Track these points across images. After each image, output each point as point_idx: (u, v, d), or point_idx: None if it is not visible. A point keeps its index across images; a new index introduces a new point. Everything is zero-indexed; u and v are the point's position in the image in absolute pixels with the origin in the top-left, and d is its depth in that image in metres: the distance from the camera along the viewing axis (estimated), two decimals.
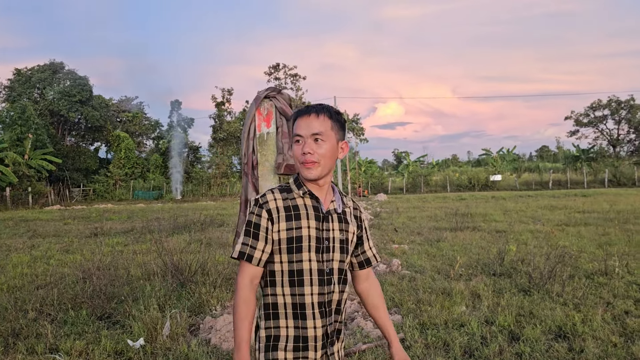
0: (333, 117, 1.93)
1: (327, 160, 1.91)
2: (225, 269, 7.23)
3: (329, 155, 1.91)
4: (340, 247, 1.94)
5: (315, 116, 1.90)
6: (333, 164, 1.96)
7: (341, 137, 1.95)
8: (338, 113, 1.97)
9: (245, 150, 2.81)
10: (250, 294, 1.89)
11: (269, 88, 2.78)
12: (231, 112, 52.34)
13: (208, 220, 16.16)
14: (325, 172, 1.92)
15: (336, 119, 1.94)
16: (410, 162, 61.52)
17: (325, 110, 1.93)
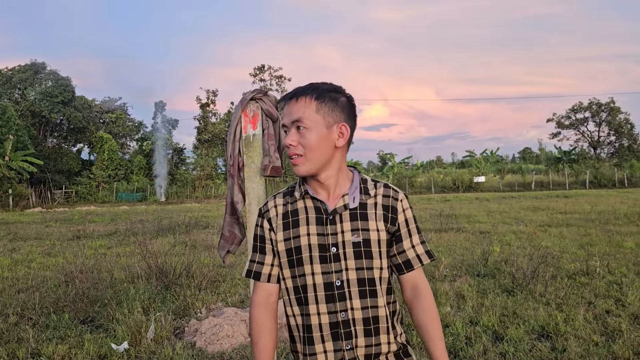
0: (320, 96, 1.59)
1: (315, 152, 1.58)
2: (210, 272, 7.20)
3: (315, 144, 1.58)
4: (355, 252, 1.58)
5: (295, 100, 1.61)
6: (326, 154, 1.60)
7: (337, 119, 1.60)
8: (331, 90, 1.62)
9: (231, 152, 2.80)
10: (263, 313, 1.67)
11: (254, 90, 2.78)
12: (216, 113, 52.18)
13: (193, 223, 16.07)
14: (317, 166, 1.60)
15: (326, 97, 1.60)
16: (395, 164, 61.82)
17: (308, 91, 1.61)
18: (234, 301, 6.23)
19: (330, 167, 1.62)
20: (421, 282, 1.66)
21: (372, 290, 1.59)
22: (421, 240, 1.67)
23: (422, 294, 1.65)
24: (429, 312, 1.63)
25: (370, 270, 1.59)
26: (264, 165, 2.70)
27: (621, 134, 53.85)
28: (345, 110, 1.63)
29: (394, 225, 1.63)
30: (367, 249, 1.58)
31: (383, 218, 1.62)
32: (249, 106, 2.72)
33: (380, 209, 1.62)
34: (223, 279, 7.34)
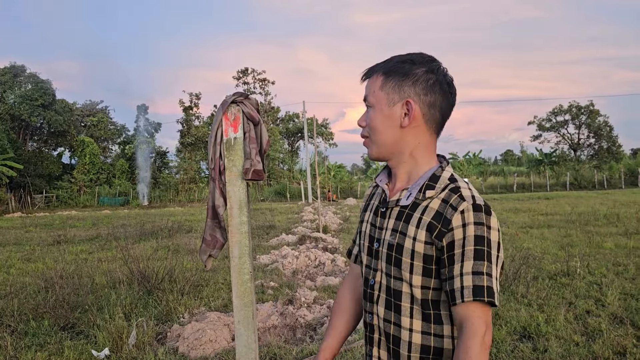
0: (388, 70, 1.39)
1: (378, 134, 1.40)
2: (193, 276, 7.14)
3: (378, 125, 1.40)
4: (387, 255, 1.37)
5: (365, 78, 1.45)
6: (390, 136, 1.39)
7: (403, 95, 1.36)
8: (404, 61, 1.38)
9: (212, 155, 2.79)
10: (344, 292, 1.64)
11: (236, 93, 2.77)
12: (199, 116, 51.85)
13: (176, 227, 15.94)
14: (383, 150, 1.42)
15: (394, 71, 1.38)
16: (378, 167, 62.04)
17: (379, 65, 1.42)
18: (217, 305, 6.19)
19: (398, 152, 1.41)
20: (465, 324, 1.23)
21: (396, 304, 1.36)
22: (475, 271, 1.22)
23: (461, 338, 1.23)
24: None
25: (399, 281, 1.35)
26: (246, 169, 2.69)
27: (600, 137, 54.72)
28: (420, 84, 1.35)
29: (440, 240, 1.27)
30: (397, 256, 1.35)
31: (427, 227, 1.30)
32: (230, 109, 2.71)
33: (429, 215, 1.31)
34: (206, 283, 7.29)
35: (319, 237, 11.72)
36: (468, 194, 1.30)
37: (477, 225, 1.25)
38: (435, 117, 1.39)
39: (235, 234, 2.72)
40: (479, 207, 1.27)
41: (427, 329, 1.32)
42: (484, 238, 1.25)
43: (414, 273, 1.31)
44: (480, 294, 1.21)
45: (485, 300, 1.21)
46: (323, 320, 5.44)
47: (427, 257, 1.30)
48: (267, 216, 20.42)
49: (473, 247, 1.24)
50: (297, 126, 59.74)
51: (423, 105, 1.36)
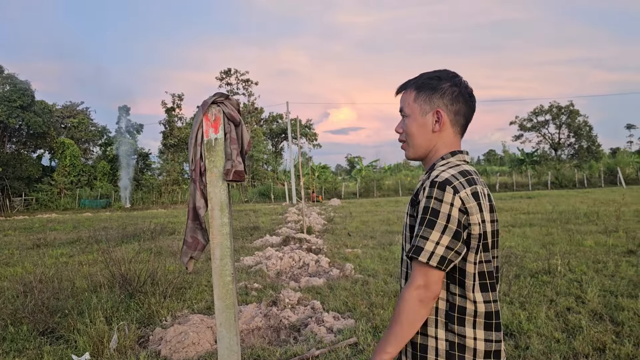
0: (419, 85, 1.73)
1: (414, 139, 1.74)
2: (176, 278, 7.07)
3: (414, 131, 1.73)
4: (403, 233, 1.75)
5: (399, 92, 1.80)
6: (425, 140, 1.72)
7: (433, 106, 1.69)
8: (432, 77, 1.72)
9: (192, 156, 2.76)
10: None
11: (216, 93, 2.75)
12: (182, 117, 51.47)
13: (158, 229, 15.79)
14: (418, 152, 1.75)
15: (424, 86, 1.71)
16: (363, 167, 62.20)
17: (412, 82, 1.76)
18: (200, 308, 6.14)
19: (429, 153, 1.74)
20: (410, 276, 1.56)
21: (402, 270, 1.71)
22: (418, 234, 1.52)
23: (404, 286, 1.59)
24: (396, 303, 1.60)
25: (404, 252, 1.70)
26: (227, 170, 2.66)
27: (580, 136, 55.56)
28: (447, 96, 1.68)
29: (415, 212, 1.61)
30: (404, 232, 1.70)
31: (411, 203, 1.65)
32: (210, 110, 2.69)
33: (414, 194, 1.65)
34: (189, 286, 7.23)
35: (303, 238, 11.70)
36: (435, 174, 1.58)
37: (427, 198, 1.54)
38: (460, 121, 1.72)
39: (217, 235, 2.70)
40: (434, 183, 1.54)
41: None
42: (430, 209, 1.52)
43: (407, 242, 1.66)
44: (417, 254, 1.50)
45: (416, 258, 1.50)
46: (307, 321, 5.42)
47: (412, 228, 1.63)
48: (251, 217, 20.33)
49: (421, 216, 1.54)
50: (281, 127, 59.63)
51: (450, 113, 1.70)
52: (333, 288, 6.86)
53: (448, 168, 1.61)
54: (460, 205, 1.52)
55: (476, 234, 1.55)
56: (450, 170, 1.59)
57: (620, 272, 7.04)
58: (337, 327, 5.15)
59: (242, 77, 55.25)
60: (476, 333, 1.56)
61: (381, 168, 67.76)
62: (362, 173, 57.55)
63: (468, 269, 1.57)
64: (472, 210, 1.54)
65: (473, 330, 1.56)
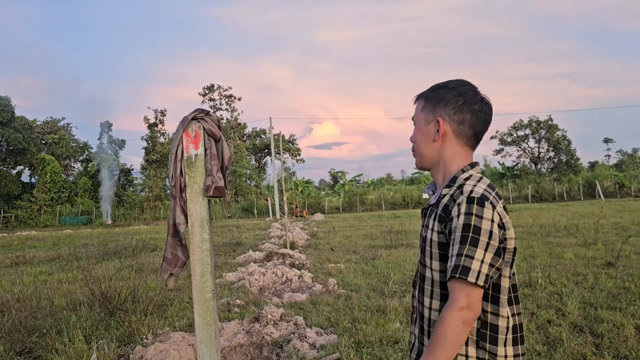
0: (426, 95, 1.75)
1: (418, 147, 1.76)
2: (158, 295, 7.00)
3: (418, 140, 1.76)
4: (421, 247, 1.72)
5: (414, 102, 1.81)
6: (428, 149, 1.72)
7: (436, 115, 1.70)
8: (439, 87, 1.73)
9: (172, 172, 2.76)
10: None
11: (196, 109, 2.76)
12: (165, 133, 51.22)
13: (140, 245, 15.60)
14: (425, 160, 1.75)
15: (430, 95, 1.73)
16: (346, 182, 62.39)
17: (421, 94, 1.78)
18: (182, 325, 6.07)
19: (435, 162, 1.72)
20: (450, 297, 1.48)
21: (425, 287, 1.65)
22: (460, 252, 1.45)
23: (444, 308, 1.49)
24: (434, 328, 1.49)
25: (424, 267, 1.65)
26: (207, 186, 2.67)
27: (559, 150, 56.42)
28: (450, 106, 1.67)
29: (446, 229, 1.55)
30: (425, 247, 1.66)
31: (439, 219, 1.59)
32: (190, 126, 2.70)
33: (440, 209, 1.59)
34: (171, 303, 7.15)
35: (286, 254, 11.66)
36: (467, 189, 1.54)
37: (467, 215, 1.48)
38: (465, 132, 1.68)
39: (197, 251, 2.69)
40: (472, 199, 1.50)
41: (442, 307, 1.56)
42: (471, 226, 1.47)
43: (433, 259, 1.60)
44: (463, 273, 1.43)
45: (456, 277, 1.43)
46: (290, 337, 5.39)
47: (441, 245, 1.57)
48: (234, 233, 20.21)
49: (461, 234, 1.47)
50: (264, 142, 59.64)
51: (453, 123, 1.67)
52: (316, 303, 6.84)
53: (477, 182, 1.58)
54: (499, 220, 1.51)
55: (511, 248, 1.56)
56: (481, 185, 1.57)
57: (600, 284, 7.14)
58: (320, 343, 5.13)
59: (225, 92, 55.26)
60: (507, 351, 1.55)
61: (364, 183, 67.99)
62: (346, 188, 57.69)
63: (503, 283, 1.56)
64: (507, 225, 1.55)
65: (504, 348, 1.55)
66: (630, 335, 4.86)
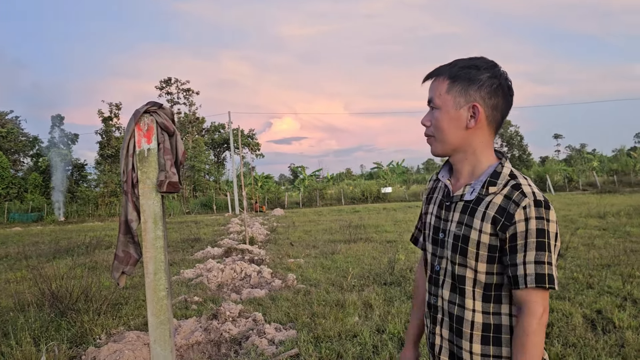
0: (454, 75, 1.53)
1: (444, 134, 1.55)
2: (112, 294, 6.80)
3: (444, 126, 1.54)
4: (453, 245, 1.53)
5: (429, 80, 1.59)
6: (456, 136, 1.54)
7: (469, 99, 1.51)
8: (469, 66, 1.52)
9: (124, 167, 2.67)
10: (419, 274, 1.88)
11: (149, 102, 2.67)
12: (120, 127, 49.88)
13: (94, 242, 15.15)
14: (447, 148, 1.57)
15: (459, 76, 1.52)
16: (306, 177, 62.42)
17: (444, 70, 1.56)
18: (137, 324, 5.93)
19: (462, 150, 1.56)
20: (525, 305, 1.41)
21: (461, 288, 1.52)
22: (537, 260, 1.38)
23: (520, 318, 1.42)
24: (517, 340, 1.42)
25: (463, 267, 1.51)
26: (160, 181, 2.59)
27: (512, 145, 58.09)
28: (485, 89, 1.50)
29: (504, 232, 1.42)
30: (463, 246, 1.50)
31: (492, 220, 1.45)
32: (142, 119, 2.61)
33: (493, 210, 1.45)
34: (125, 301, 6.97)
35: (245, 249, 11.56)
36: (529, 191, 1.43)
37: (538, 220, 1.40)
38: (497, 118, 1.54)
39: (150, 249, 2.61)
40: (540, 202, 1.41)
41: (487, 309, 1.49)
42: (545, 231, 1.40)
43: (479, 261, 1.47)
44: (542, 281, 1.38)
45: (546, 287, 1.38)
46: (248, 333, 5.34)
47: (492, 247, 1.46)
48: (192, 229, 19.90)
49: (535, 239, 1.39)
50: (223, 137, 58.96)
51: (487, 108, 1.51)
52: (275, 299, 6.81)
53: (527, 180, 1.49)
54: (557, 221, 1.46)
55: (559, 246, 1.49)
56: (532, 183, 1.49)
57: None
58: (279, 339, 5.10)
59: (183, 86, 54.32)
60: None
61: (324, 177, 68.19)
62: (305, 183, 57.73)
63: None
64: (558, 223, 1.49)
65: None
66: (578, 323, 5.04)
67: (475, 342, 1.50)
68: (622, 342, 4.53)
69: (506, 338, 1.48)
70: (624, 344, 4.48)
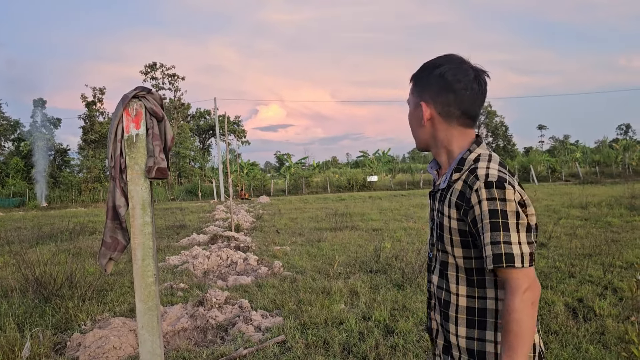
0: (415, 76, 1.67)
1: (412, 131, 1.72)
2: (97, 280, 6.76)
3: (411, 124, 1.71)
4: (436, 233, 1.62)
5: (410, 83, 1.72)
6: (420, 133, 1.67)
7: (422, 98, 1.63)
8: (428, 67, 1.63)
9: (112, 152, 2.64)
10: None
11: (137, 87, 2.64)
12: (104, 112, 49.23)
13: (78, 228, 15.02)
14: (420, 143, 1.70)
15: (419, 76, 1.65)
16: (291, 164, 62.26)
17: (413, 75, 1.69)
18: (122, 310, 5.90)
19: (432, 145, 1.67)
20: (506, 284, 1.41)
21: (445, 273, 1.59)
22: (493, 241, 1.39)
23: (504, 297, 1.42)
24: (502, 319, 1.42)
25: (445, 254, 1.58)
26: (149, 167, 2.57)
27: (497, 136, 58.54)
28: (432, 88, 1.59)
29: (466, 217, 1.47)
30: (440, 232, 1.58)
31: (455, 206, 1.51)
32: (131, 104, 2.58)
33: (455, 196, 1.51)
34: (111, 288, 6.94)
35: (231, 236, 11.54)
36: (482, 173, 1.46)
37: (489, 201, 1.41)
38: (453, 113, 1.58)
39: (138, 235, 2.60)
40: (490, 183, 1.43)
41: (472, 293, 1.52)
42: (497, 211, 1.40)
43: (454, 246, 1.53)
44: (499, 261, 1.38)
45: (504, 266, 1.38)
46: (235, 320, 5.36)
47: (462, 232, 1.50)
48: (178, 215, 19.81)
49: (489, 221, 1.40)
50: (209, 123, 58.53)
51: (437, 105, 1.59)
52: (261, 286, 6.82)
53: (488, 163, 1.51)
54: (520, 199, 1.45)
55: (533, 224, 1.49)
56: (493, 165, 1.50)
57: None
58: (266, 326, 5.12)
59: (168, 71, 53.68)
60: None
61: (310, 165, 68.13)
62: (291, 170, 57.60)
63: None
64: (527, 202, 1.48)
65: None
66: (560, 311, 5.14)
67: (461, 325, 1.54)
68: (603, 329, 4.63)
69: (491, 322, 1.50)
70: (605, 331, 4.58)
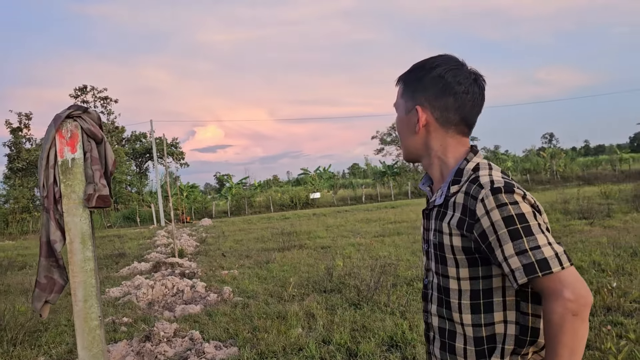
0: (405, 78, 1.48)
1: (401, 139, 1.51)
2: (29, 321, 6.19)
3: (401, 131, 1.50)
4: (434, 254, 1.41)
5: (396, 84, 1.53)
6: (411, 141, 1.47)
7: (416, 102, 1.43)
8: (419, 67, 1.45)
9: (44, 181, 2.33)
10: None
11: (72, 106, 2.35)
12: (31, 138, 46.75)
13: (6, 263, 13.96)
14: (409, 153, 1.51)
15: (409, 78, 1.46)
16: (233, 185, 61.30)
17: (401, 75, 1.50)
18: (59, 353, 5.40)
19: (425, 155, 1.48)
20: (543, 292, 1.21)
21: (446, 300, 1.38)
22: (518, 251, 1.19)
23: (543, 307, 1.22)
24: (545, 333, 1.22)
25: (446, 278, 1.37)
26: (88, 195, 2.28)
27: None
28: (430, 90, 1.40)
29: (471, 232, 1.27)
30: (441, 254, 1.38)
31: (458, 222, 1.31)
32: (65, 125, 2.29)
33: (458, 210, 1.32)
34: (45, 328, 6.37)
35: (175, 263, 11.03)
36: (486, 180, 1.29)
37: (500, 208, 1.23)
38: (451, 119, 1.41)
39: (78, 273, 2.29)
40: (498, 189, 1.25)
41: (478, 321, 1.32)
42: (512, 216, 1.22)
43: (459, 267, 1.33)
44: (532, 272, 1.19)
45: (540, 275, 1.18)
46: (186, 354, 5.00)
47: (467, 249, 1.31)
48: (116, 243, 18.85)
49: (506, 230, 1.22)
50: (145, 146, 56.84)
51: (435, 110, 1.41)
52: (212, 315, 6.46)
53: (490, 170, 1.36)
54: (533, 203, 1.27)
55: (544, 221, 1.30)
56: (496, 172, 1.35)
57: None
58: (220, 357, 4.81)
59: (100, 94, 51.82)
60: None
61: (251, 185, 67.36)
62: (233, 191, 56.69)
63: None
64: (541, 209, 1.29)
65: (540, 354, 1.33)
66: None
67: (467, 357, 1.35)
68: None
69: (500, 347, 1.31)
70: None
